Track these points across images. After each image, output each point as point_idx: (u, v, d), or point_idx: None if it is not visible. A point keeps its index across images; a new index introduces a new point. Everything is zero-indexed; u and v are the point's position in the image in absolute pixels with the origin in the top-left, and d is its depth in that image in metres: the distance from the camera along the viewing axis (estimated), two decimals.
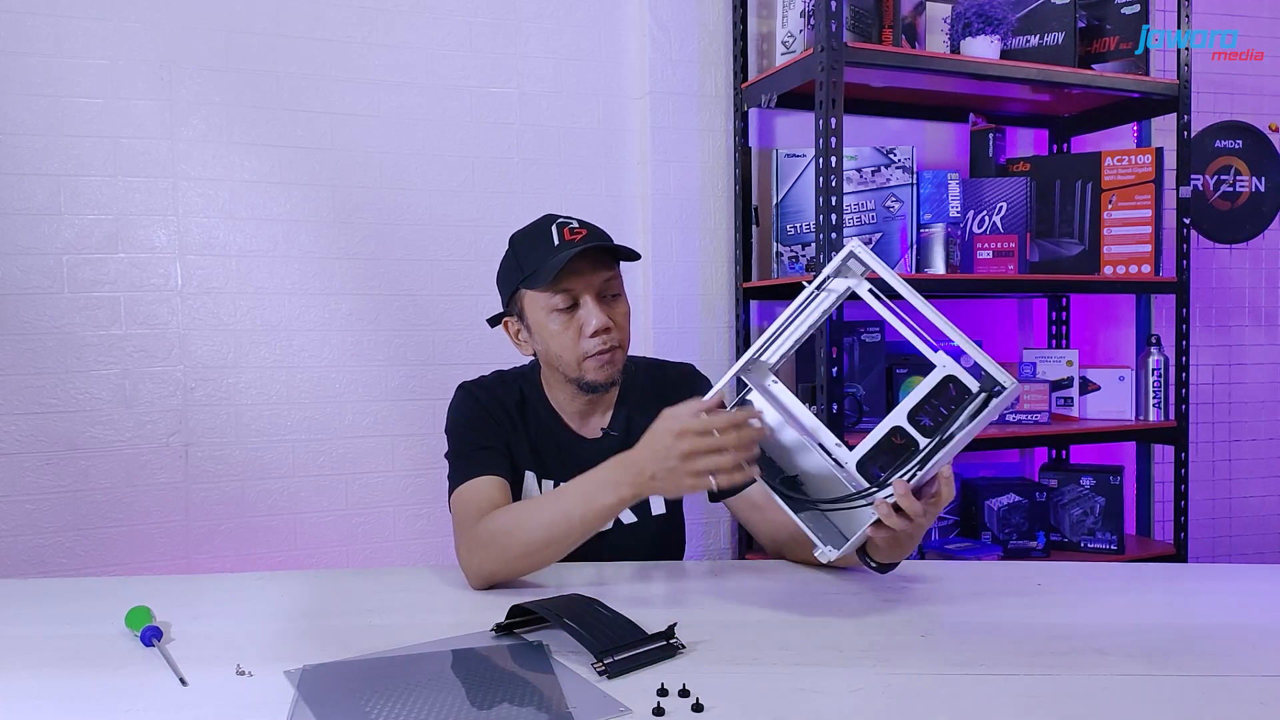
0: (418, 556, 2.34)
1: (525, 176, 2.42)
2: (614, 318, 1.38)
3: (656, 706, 0.85)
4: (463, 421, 1.43)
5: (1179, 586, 1.36)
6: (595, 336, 1.36)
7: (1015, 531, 2.47)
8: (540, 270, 1.35)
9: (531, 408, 1.46)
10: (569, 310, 1.37)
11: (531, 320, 1.40)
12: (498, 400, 1.44)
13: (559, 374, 1.42)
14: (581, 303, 1.37)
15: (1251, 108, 2.98)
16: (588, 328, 1.36)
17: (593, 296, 1.37)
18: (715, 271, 2.52)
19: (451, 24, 2.36)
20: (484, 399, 1.43)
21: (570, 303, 1.36)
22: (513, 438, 1.42)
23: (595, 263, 1.37)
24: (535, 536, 1.23)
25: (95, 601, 1.24)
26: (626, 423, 1.47)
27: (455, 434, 1.43)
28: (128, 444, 2.14)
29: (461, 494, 1.36)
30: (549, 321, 1.37)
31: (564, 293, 1.36)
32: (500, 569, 1.25)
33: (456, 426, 1.43)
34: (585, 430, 1.47)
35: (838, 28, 2.08)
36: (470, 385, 1.47)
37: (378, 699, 0.88)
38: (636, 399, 1.49)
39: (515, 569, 1.25)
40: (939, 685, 0.92)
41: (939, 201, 2.35)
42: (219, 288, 2.20)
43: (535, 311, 1.39)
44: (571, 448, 1.45)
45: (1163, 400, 2.49)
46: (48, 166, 2.08)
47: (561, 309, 1.36)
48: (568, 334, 1.37)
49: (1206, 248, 2.98)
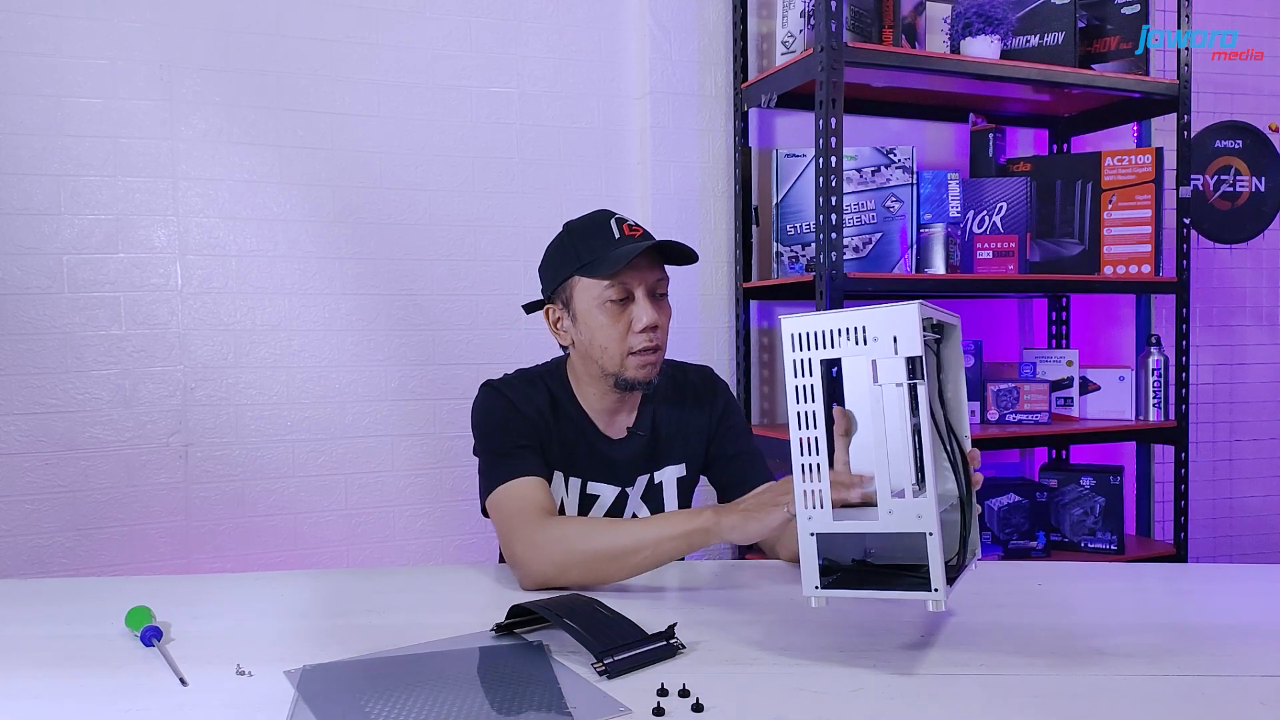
0: (418, 556, 2.34)
1: (525, 176, 2.42)
2: (661, 318, 1.39)
3: (656, 706, 0.85)
4: (496, 420, 1.40)
5: (1179, 586, 1.36)
6: (643, 333, 1.37)
7: (1015, 531, 2.47)
8: (602, 260, 1.35)
9: (561, 407, 1.45)
10: (621, 303, 1.37)
11: (579, 309, 1.40)
12: (528, 399, 1.43)
13: (595, 368, 1.41)
14: (635, 298, 1.38)
15: (1251, 108, 2.98)
16: (638, 323, 1.37)
17: (646, 293, 1.38)
18: (715, 271, 2.52)
19: (451, 24, 2.36)
20: (515, 398, 1.42)
21: (623, 295, 1.37)
22: (545, 437, 1.42)
23: (651, 261, 1.39)
24: (605, 547, 1.23)
25: (95, 601, 1.24)
26: (652, 422, 1.48)
27: (489, 433, 1.40)
28: (128, 444, 2.14)
29: (509, 494, 1.33)
30: (599, 312, 1.38)
31: (620, 285, 1.36)
32: (560, 574, 1.24)
33: (489, 426, 1.41)
34: (611, 430, 1.48)
35: (838, 28, 2.08)
36: (498, 384, 1.45)
37: (378, 699, 0.88)
38: (660, 399, 1.50)
39: (575, 576, 1.24)
40: (939, 685, 0.92)
41: (939, 201, 2.35)
42: (219, 288, 2.20)
43: (585, 300, 1.39)
44: (599, 447, 1.46)
45: (1163, 400, 2.49)
46: (48, 166, 2.08)
47: (615, 300, 1.37)
48: (617, 327, 1.37)
49: (1206, 248, 2.98)
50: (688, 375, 1.56)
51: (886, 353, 0.91)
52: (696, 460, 1.53)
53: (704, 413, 1.52)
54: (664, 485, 1.50)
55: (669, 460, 1.50)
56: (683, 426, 1.51)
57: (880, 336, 0.92)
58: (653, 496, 1.50)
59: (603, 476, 1.46)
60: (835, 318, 0.94)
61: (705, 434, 1.52)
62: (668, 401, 1.51)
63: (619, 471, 1.47)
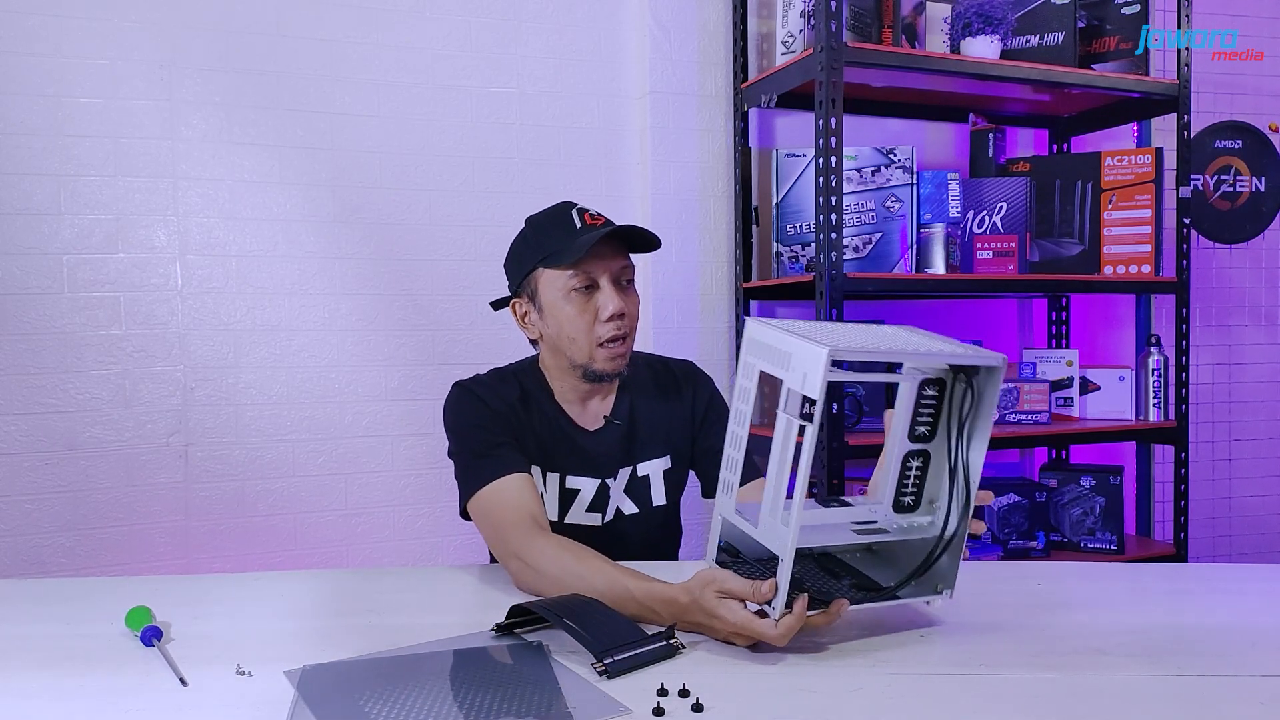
0: (418, 556, 2.34)
1: (525, 176, 2.42)
2: (627, 306, 1.39)
3: (656, 706, 0.85)
4: (470, 420, 1.39)
5: (1179, 586, 1.36)
6: (610, 321, 1.37)
7: (1015, 531, 2.47)
8: (564, 250, 1.36)
9: (534, 401, 1.45)
10: (586, 292, 1.37)
11: (545, 300, 1.40)
12: (500, 396, 1.42)
13: (565, 360, 1.41)
14: (600, 286, 1.38)
15: (1251, 108, 2.98)
16: (604, 311, 1.37)
17: (611, 281, 1.38)
18: (715, 271, 2.52)
19: (451, 24, 2.36)
20: (486, 395, 1.41)
21: (588, 283, 1.37)
22: (520, 431, 1.41)
23: (615, 249, 1.39)
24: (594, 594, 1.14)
25: (95, 601, 1.24)
26: (630, 411, 1.48)
27: (464, 434, 1.38)
28: (128, 444, 2.14)
29: (492, 496, 1.31)
30: (565, 303, 1.37)
31: (584, 273, 1.36)
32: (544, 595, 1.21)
33: (464, 426, 1.39)
34: (587, 420, 1.47)
35: (838, 28, 2.08)
36: (468, 383, 1.44)
37: (378, 699, 0.88)
38: (638, 388, 1.50)
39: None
40: (939, 685, 0.92)
41: (939, 201, 2.35)
42: (219, 288, 2.20)
43: (551, 292, 1.39)
44: (576, 439, 1.45)
45: (1163, 400, 2.49)
46: (48, 166, 2.08)
47: (579, 289, 1.37)
48: (584, 317, 1.37)
49: (1206, 248, 2.98)
50: (669, 367, 1.56)
51: (796, 385, 0.94)
52: (682, 453, 1.52)
53: (686, 404, 1.52)
54: (650, 479, 1.49)
55: (650, 453, 1.49)
56: (664, 418, 1.50)
57: (797, 369, 0.95)
58: (637, 491, 1.49)
59: (581, 469, 1.45)
60: (779, 335, 0.98)
61: (688, 425, 1.52)
62: (646, 392, 1.50)
63: (597, 463, 1.46)
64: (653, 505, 1.50)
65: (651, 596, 1.08)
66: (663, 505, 1.50)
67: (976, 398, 1.06)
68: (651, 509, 1.49)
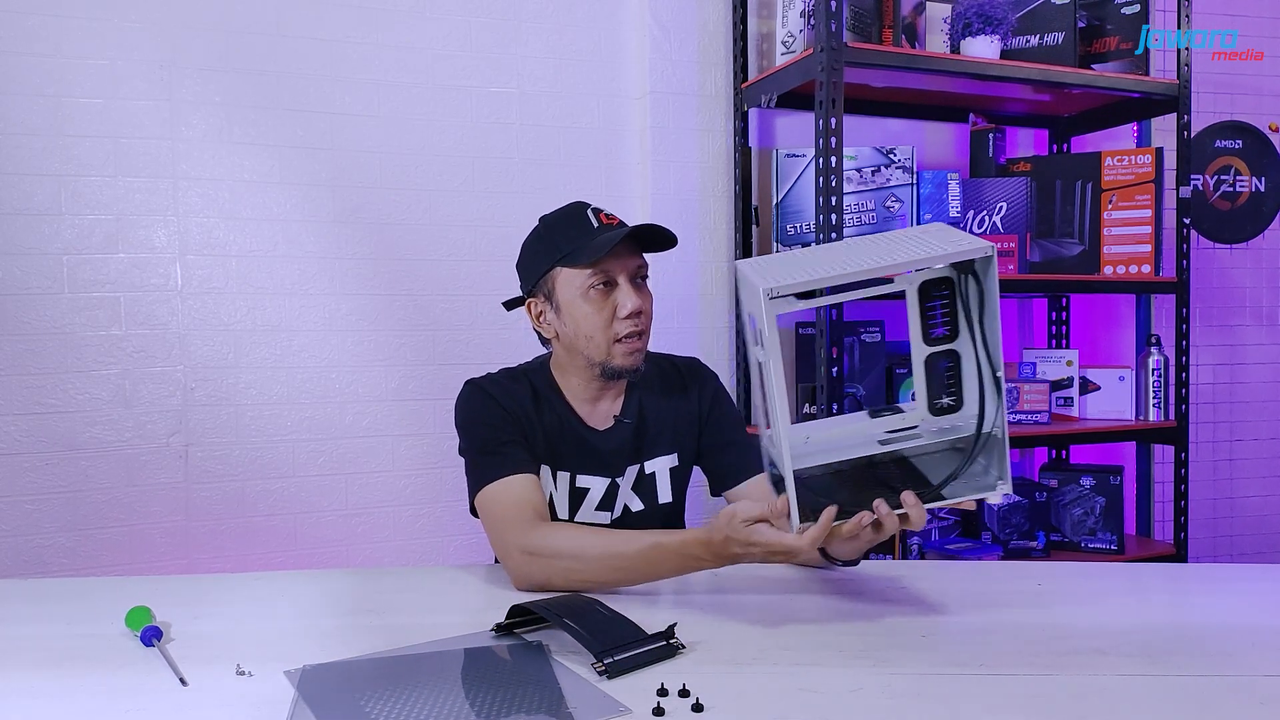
0: (418, 556, 2.34)
1: (525, 176, 2.42)
2: (644, 304, 1.40)
3: (656, 706, 0.85)
4: (480, 418, 1.41)
5: (1179, 586, 1.36)
6: (628, 318, 1.38)
7: (1015, 531, 2.47)
8: (583, 249, 1.37)
9: (545, 401, 1.46)
10: (605, 291, 1.38)
11: (562, 299, 1.40)
12: (511, 395, 1.43)
13: (581, 358, 1.42)
14: (618, 285, 1.39)
15: (1251, 108, 2.98)
16: (622, 309, 1.38)
17: (628, 279, 1.39)
18: (715, 271, 2.52)
19: (451, 24, 2.36)
20: (497, 394, 1.42)
21: (606, 281, 1.38)
22: (529, 431, 1.42)
23: (631, 248, 1.40)
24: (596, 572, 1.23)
25: (95, 601, 1.24)
26: (639, 410, 1.48)
27: (474, 431, 1.41)
28: (128, 444, 2.14)
29: (498, 493, 1.34)
30: (583, 301, 1.38)
31: (603, 272, 1.38)
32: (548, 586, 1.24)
33: (474, 423, 1.41)
34: (597, 420, 1.48)
35: (838, 28, 2.08)
36: (480, 381, 1.46)
37: (378, 699, 0.88)
38: (647, 387, 1.50)
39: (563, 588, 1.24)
40: (939, 685, 0.92)
41: (939, 201, 2.35)
42: (219, 288, 2.20)
43: (568, 291, 1.39)
44: (586, 439, 1.46)
45: (1163, 400, 2.49)
46: (48, 166, 2.08)
47: (598, 288, 1.38)
48: (601, 315, 1.38)
49: (1206, 248, 2.98)
50: (675, 365, 1.57)
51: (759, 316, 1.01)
52: (688, 450, 1.53)
53: (692, 401, 1.52)
54: (656, 476, 1.50)
55: (658, 450, 1.50)
56: (671, 415, 1.51)
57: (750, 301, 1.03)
58: (644, 487, 1.49)
59: (591, 468, 1.45)
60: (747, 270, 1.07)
61: (695, 422, 1.52)
62: (655, 390, 1.51)
63: (607, 462, 1.46)
64: (659, 503, 1.50)
65: (688, 544, 1.17)
66: (669, 503, 1.51)
67: (981, 289, 1.06)
68: (658, 506, 1.50)
